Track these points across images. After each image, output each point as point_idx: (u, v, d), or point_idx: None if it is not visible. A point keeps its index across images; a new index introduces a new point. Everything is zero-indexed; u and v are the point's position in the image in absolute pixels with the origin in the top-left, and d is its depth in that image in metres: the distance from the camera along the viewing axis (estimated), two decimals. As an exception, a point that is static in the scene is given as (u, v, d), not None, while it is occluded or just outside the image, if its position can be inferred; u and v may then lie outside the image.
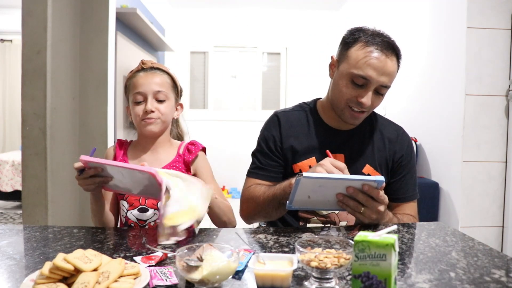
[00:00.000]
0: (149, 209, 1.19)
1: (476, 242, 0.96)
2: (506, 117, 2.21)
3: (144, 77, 1.20)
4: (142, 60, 1.25)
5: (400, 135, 1.30)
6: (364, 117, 1.21)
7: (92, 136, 2.20)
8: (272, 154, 1.27)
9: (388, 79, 1.14)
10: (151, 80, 1.19)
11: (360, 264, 0.63)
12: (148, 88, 1.19)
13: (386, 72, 1.13)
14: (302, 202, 1.03)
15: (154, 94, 1.19)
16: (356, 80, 1.14)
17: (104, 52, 2.22)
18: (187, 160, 1.24)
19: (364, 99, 1.14)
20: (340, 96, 1.18)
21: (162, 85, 1.20)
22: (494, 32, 2.18)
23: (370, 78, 1.12)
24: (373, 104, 1.17)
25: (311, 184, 0.98)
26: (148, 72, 1.21)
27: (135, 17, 3.03)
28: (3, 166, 4.24)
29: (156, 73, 1.21)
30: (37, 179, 1.87)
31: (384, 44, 1.14)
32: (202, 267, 0.68)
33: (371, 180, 0.97)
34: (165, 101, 1.21)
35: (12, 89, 5.72)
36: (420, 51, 2.83)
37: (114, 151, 1.27)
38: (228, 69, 5.46)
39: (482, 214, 2.23)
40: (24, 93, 1.86)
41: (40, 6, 1.85)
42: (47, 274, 0.67)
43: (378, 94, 1.17)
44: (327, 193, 1.01)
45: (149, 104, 1.18)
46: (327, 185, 0.99)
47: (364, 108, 1.16)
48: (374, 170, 1.24)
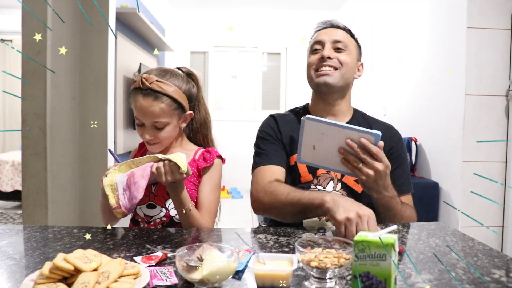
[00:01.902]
0: (157, 206, 1.20)
1: (476, 242, 0.96)
2: (506, 117, 2.21)
3: (142, 102, 1.14)
4: (143, 76, 1.16)
5: (389, 130, 1.32)
6: (336, 74, 1.25)
7: (92, 136, 2.20)
8: (274, 140, 1.30)
9: (340, 37, 1.28)
10: (148, 109, 1.13)
11: (360, 264, 0.63)
12: (145, 119, 1.15)
13: (334, 33, 1.30)
14: (309, 155, 1.06)
15: (152, 124, 1.16)
16: (314, 46, 1.31)
17: (104, 52, 2.22)
18: (200, 167, 1.23)
19: (324, 52, 1.26)
20: (308, 68, 1.31)
21: (159, 115, 1.14)
22: (494, 32, 2.18)
23: (322, 39, 1.29)
24: (339, 58, 1.25)
25: (315, 130, 1.02)
26: (147, 98, 1.13)
27: (135, 17, 3.03)
28: (3, 166, 4.24)
29: (155, 102, 1.13)
30: (37, 179, 1.87)
31: (331, 24, 1.35)
32: (202, 267, 0.68)
33: (368, 132, 0.98)
34: (163, 128, 1.17)
35: (12, 89, 5.72)
36: (420, 51, 2.83)
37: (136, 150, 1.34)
38: (228, 69, 5.46)
39: (482, 214, 2.23)
40: (24, 93, 1.86)
41: (40, 6, 1.85)
42: (47, 274, 0.67)
43: (339, 50, 1.27)
44: (330, 145, 1.02)
45: (147, 134, 1.17)
46: (329, 133, 1.00)
47: (328, 62, 1.24)
48: None
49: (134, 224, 1.24)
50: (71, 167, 2.11)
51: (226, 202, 1.17)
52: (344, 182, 1.24)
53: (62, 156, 2.00)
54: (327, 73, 1.24)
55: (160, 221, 1.19)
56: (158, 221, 1.19)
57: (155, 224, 1.20)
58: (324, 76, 1.24)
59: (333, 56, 1.25)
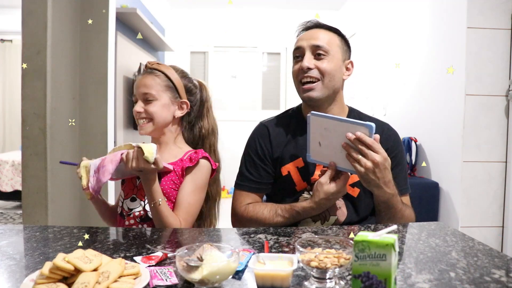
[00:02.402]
0: (137, 199, 1.21)
1: (476, 242, 0.96)
2: (506, 117, 2.21)
3: (138, 80, 1.24)
4: (148, 62, 1.27)
5: (385, 130, 1.29)
6: (319, 86, 1.21)
7: (92, 136, 2.20)
8: (263, 163, 1.27)
9: (320, 41, 1.22)
10: (142, 82, 1.22)
11: (360, 264, 0.63)
12: (137, 91, 1.23)
13: (314, 36, 1.23)
14: (316, 152, 1.11)
15: (142, 96, 1.22)
16: (296, 53, 1.26)
17: (104, 52, 2.22)
18: (184, 166, 1.21)
19: (303, 63, 1.21)
20: (293, 78, 1.27)
21: (150, 87, 1.22)
22: (494, 32, 2.18)
23: (301, 45, 1.24)
24: (318, 67, 1.21)
25: (319, 126, 1.07)
26: (143, 75, 1.24)
27: (135, 17, 3.03)
28: (3, 166, 4.24)
29: (148, 76, 1.23)
30: (37, 179, 1.87)
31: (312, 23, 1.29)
32: (202, 267, 0.68)
33: (361, 124, 1.01)
34: (152, 101, 1.21)
35: (12, 89, 5.72)
36: (420, 51, 2.83)
37: None
38: (228, 69, 5.46)
39: (482, 214, 2.23)
40: (24, 93, 1.86)
41: (40, 6, 1.85)
42: (47, 274, 0.67)
43: (319, 57, 1.22)
44: (333, 141, 1.06)
45: (136, 105, 1.22)
46: (331, 128, 1.05)
47: (309, 73, 1.20)
48: None
49: (121, 217, 1.24)
50: (71, 167, 2.11)
51: (226, 202, 1.17)
52: None
53: (62, 156, 2.00)
54: (310, 88, 1.21)
55: (138, 214, 1.20)
56: (137, 214, 1.21)
57: (134, 217, 1.20)
58: (308, 92, 1.22)
59: (312, 66, 1.20)
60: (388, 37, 3.45)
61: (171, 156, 1.25)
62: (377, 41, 3.73)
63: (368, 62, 3.89)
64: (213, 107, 1.41)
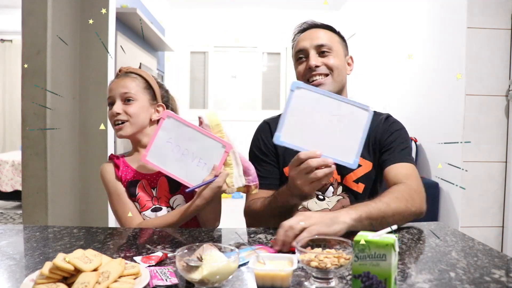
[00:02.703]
0: (163, 208, 1.19)
1: (476, 242, 0.96)
2: (506, 117, 2.21)
3: (114, 82, 1.23)
4: (121, 67, 1.27)
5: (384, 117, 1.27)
6: (329, 80, 1.20)
7: (92, 136, 2.20)
8: (268, 158, 1.27)
9: (322, 40, 1.22)
10: (121, 83, 1.21)
11: (360, 264, 0.63)
12: (115, 91, 1.20)
13: (315, 36, 1.23)
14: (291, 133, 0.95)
15: (121, 96, 1.20)
16: (299, 55, 1.25)
17: (104, 52, 2.22)
18: None
19: (310, 62, 1.20)
20: (299, 78, 1.25)
21: (129, 87, 1.20)
22: (494, 32, 2.18)
23: (304, 46, 1.23)
24: (327, 63, 1.21)
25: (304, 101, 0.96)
26: (119, 78, 1.23)
27: (135, 17, 3.03)
28: (3, 166, 4.24)
29: (126, 77, 1.22)
30: (37, 179, 1.87)
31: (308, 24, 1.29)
32: (202, 267, 0.68)
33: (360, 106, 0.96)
34: (132, 102, 1.19)
35: (12, 89, 5.72)
36: (420, 51, 2.83)
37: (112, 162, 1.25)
38: (228, 69, 5.46)
39: (482, 214, 2.23)
40: (24, 93, 1.87)
41: (40, 6, 1.85)
42: (47, 274, 0.67)
43: (324, 54, 1.22)
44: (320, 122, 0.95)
45: (115, 106, 1.19)
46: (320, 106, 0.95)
47: (317, 71, 1.20)
48: (364, 159, 1.20)
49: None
50: (71, 167, 2.11)
51: (226, 202, 1.18)
52: (345, 185, 1.21)
53: (62, 156, 2.00)
54: (320, 83, 1.20)
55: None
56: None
57: None
58: (319, 87, 1.18)
59: (320, 64, 1.20)
60: (388, 37, 3.45)
61: None
62: (377, 41, 3.73)
63: (368, 62, 3.89)
64: (213, 107, 1.41)
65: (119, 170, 1.22)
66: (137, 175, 1.21)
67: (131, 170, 1.23)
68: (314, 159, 0.93)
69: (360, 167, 1.19)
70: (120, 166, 1.23)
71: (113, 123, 1.21)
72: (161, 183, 1.20)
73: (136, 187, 1.20)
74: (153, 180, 1.21)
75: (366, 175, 1.21)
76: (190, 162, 1.10)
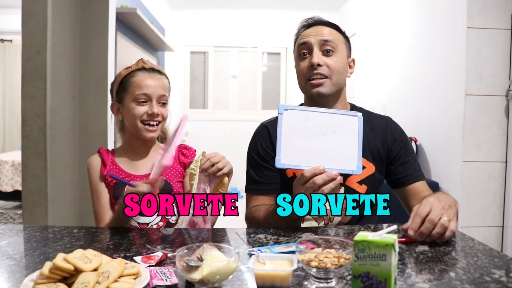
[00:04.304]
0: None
1: (476, 242, 0.96)
2: (506, 117, 2.21)
3: (149, 78, 1.19)
4: (142, 59, 1.24)
5: (388, 123, 1.28)
6: (328, 83, 1.18)
7: (92, 136, 2.20)
8: (267, 164, 1.25)
9: (327, 36, 1.20)
10: (157, 83, 1.19)
11: (360, 264, 0.63)
12: (154, 91, 1.17)
13: (321, 32, 1.21)
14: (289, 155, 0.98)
15: (159, 98, 1.18)
16: (302, 49, 1.22)
17: (104, 52, 2.22)
18: (184, 162, 1.26)
19: (313, 59, 1.18)
20: (299, 76, 1.24)
21: (165, 89, 1.21)
22: (494, 32, 2.18)
23: (308, 40, 1.20)
24: (328, 64, 1.18)
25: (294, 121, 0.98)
26: (152, 74, 1.20)
27: (135, 17, 3.03)
28: (3, 166, 4.24)
29: (160, 76, 1.22)
30: (37, 179, 1.87)
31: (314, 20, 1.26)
32: (202, 267, 0.68)
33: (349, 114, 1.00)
34: (166, 105, 1.21)
35: (12, 89, 5.72)
36: (420, 51, 2.82)
37: (101, 157, 1.23)
38: (228, 69, 5.46)
39: (482, 214, 2.23)
40: (24, 93, 1.86)
41: (40, 6, 1.85)
42: (47, 274, 0.67)
43: (328, 53, 1.19)
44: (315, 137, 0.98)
45: (155, 107, 1.17)
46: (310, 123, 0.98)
47: (319, 70, 1.17)
48: (367, 161, 1.21)
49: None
50: (71, 167, 2.11)
51: (226, 202, 1.17)
52: (348, 185, 1.20)
53: (62, 156, 2.00)
54: (319, 83, 1.18)
55: (157, 227, 1.18)
56: (155, 227, 1.17)
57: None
58: (317, 87, 1.19)
59: (322, 63, 1.18)
60: (388, 37, 3.45)
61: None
62: (377, 41, 3.73)
63: (368, 62, 3.89)
64: (213, 107, 1.42)
65: (106, 167, 1.20)
66: (126, 177, 1.19)
67: (119, 170, 1.21)
68: (319, 176, 0.94)
69: (364, 169, 1.19)
70: (108, 164, 1.21)
71: (148, 123, 1.17)
72: None
73: (123, 189, 1.15)
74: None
75: (369, 177, 1.22)
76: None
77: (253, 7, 5.21)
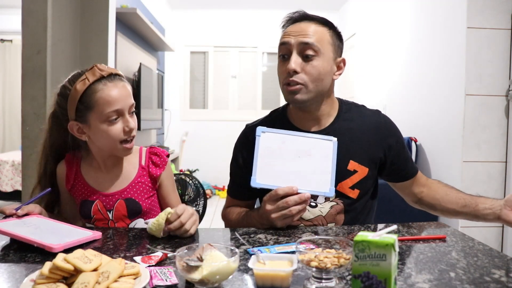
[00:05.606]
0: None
1: (476, 242, 0.96)
2: (506, 117, 2.21)
3: (113, 88, 1.03)
4: (96, 65, 1.05)
5: (381, 123, 1.24)
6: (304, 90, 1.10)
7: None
8: (241, 172, 1.23)
9: (309, 37, 1.10)
10: (123, 91, 1.04)
11: (360, 264, 0.63)
12: (124, 104, 1.03)
13: (303, 32, 1.11)
14: (264, 174, 1.02)
15: (130, 108, 1.06)
16: (281, 51, 1.15)
17: (104, 52, 2.22)
18: (153, 174, 1.15)
19: (289, 65, 1.09)
20: (279, 79, 1.17)
21: (131, 96, 1.07)
22: (494, 32, 2.18)
23: (288, 41, 1.13)
24: (306, 71, 1.09)
25: (270, 143, 1.02)
26: (114, 82, 1.04)
27: (135, 17, 3.03)
28: (3, 166, 4.24)
29: (122, 83, 1.06)
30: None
31: (299, 15, 1.18)
32: (202, 267, 0.68)
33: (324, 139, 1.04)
34: (133, 114, 1.09)
35: (12, 89, 5.72)
36: (420, 51, 2.83)
37: (65, 168, 1.15)
38: (228, 69, 5.46)
39: (482, 214, 2.23)
40: (24, 93, 1.87)
41: (40, 6, 1.85)
42: (47, 274, 0.67)
43: (308, 59, 1.10)
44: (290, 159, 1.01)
45: (130, 122, 1.05)
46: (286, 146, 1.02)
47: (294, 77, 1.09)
48: (359, 165, 1.17)
49: None
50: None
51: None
52: (339, 191, 1.14)
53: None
54: (294, 90, 1.10)
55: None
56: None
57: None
58: (293, 94, 1.11)
59: (300, 70, 1.09)
60: (388, 37, 3.45)
61: (132, 168, 1.16)
62: (377, 41, 3.73)
63: (368, 62, 3.89)
64: (213, 107, 1.40)
65: (69, 182, 1.13)
66: (92, 194, 1.12)
67: (85, 185, 1.13)
68: (292, 197, 0.99)
69: (356, 173, 1.16)
70: (71, 179, 1.13)
71: (125, 140, 1.06)
72: (118, 206, 1.12)
73: (90, 208, 1.11)
74: (109, 201, 1.12)
75: (362, 180, 1.17)
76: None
77: (253, 7, 5.21)
